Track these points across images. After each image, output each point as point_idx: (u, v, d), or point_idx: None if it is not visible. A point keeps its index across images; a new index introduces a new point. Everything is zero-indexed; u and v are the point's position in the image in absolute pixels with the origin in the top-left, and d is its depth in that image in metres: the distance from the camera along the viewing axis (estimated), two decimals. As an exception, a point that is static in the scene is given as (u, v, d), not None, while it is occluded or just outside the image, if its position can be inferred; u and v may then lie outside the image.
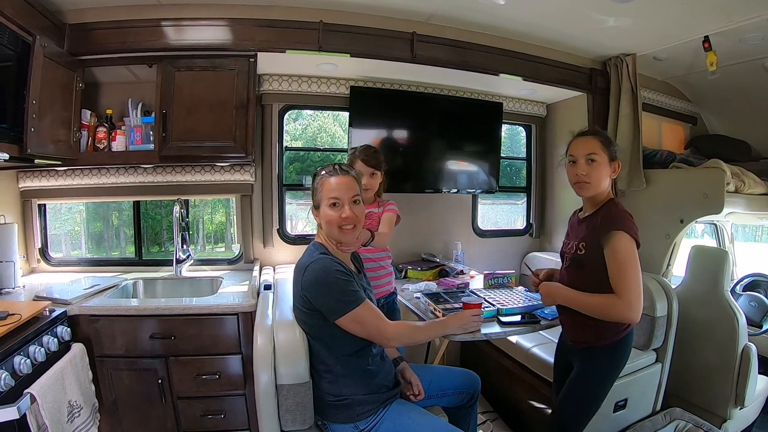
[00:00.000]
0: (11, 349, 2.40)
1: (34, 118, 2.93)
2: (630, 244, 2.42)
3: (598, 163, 2.58)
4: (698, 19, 3.58)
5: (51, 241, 4.30)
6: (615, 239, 2.42)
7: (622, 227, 2.42)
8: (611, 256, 2.43)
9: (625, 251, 2.41)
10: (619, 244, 2.41)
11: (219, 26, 3.58)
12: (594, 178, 2.59)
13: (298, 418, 2.42)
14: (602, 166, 2.59)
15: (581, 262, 2.60)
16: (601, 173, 2.59)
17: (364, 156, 3.35)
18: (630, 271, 2.39)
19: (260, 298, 3.18)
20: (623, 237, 2.42)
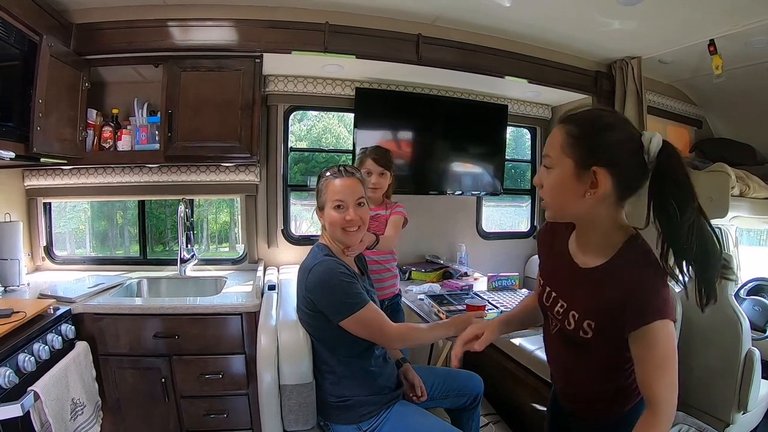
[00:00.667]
0: (16, 347, 2.41)
1: (41, 117, 2.95)
2: (672, 332, 1.54)
3: (553, 169, 1.65)
4: (704, 23, 3.58)
5: (56, 240, 4.32)
6: (654, 332, 1.51)
7: (666, 312, 1.51)
8: (646, 354, 1.54)
9: (668, 347, 1.53)
10: (660, 341, 1.51)
11: (225, 27, 3.59)
12: (549, 192, 1.70)
13: (301, 418, 2.42)
14: (564, 176, 1.61)
15: (585, 347, 1.72)
16: (560, 187, 1.64)
17: (375, 155, 3.34)
18: (672, 371, 1.54)
19: (264, 299, 3.19)
20: (665, 327, 1.51)
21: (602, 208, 1.61)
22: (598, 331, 1.64)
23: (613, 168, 1.53)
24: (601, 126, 1.58)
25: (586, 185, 1.56)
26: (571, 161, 1.58)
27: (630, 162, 1.54)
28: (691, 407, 3.76)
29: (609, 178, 1.54)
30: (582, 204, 1.60)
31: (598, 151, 1.54)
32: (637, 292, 1.53)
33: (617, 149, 1.54)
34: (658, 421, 1.53)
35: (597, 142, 1.55)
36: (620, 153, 1.54)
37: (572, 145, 1.58)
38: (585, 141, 1.56)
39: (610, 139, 1.55)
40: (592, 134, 1.57)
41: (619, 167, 1.54)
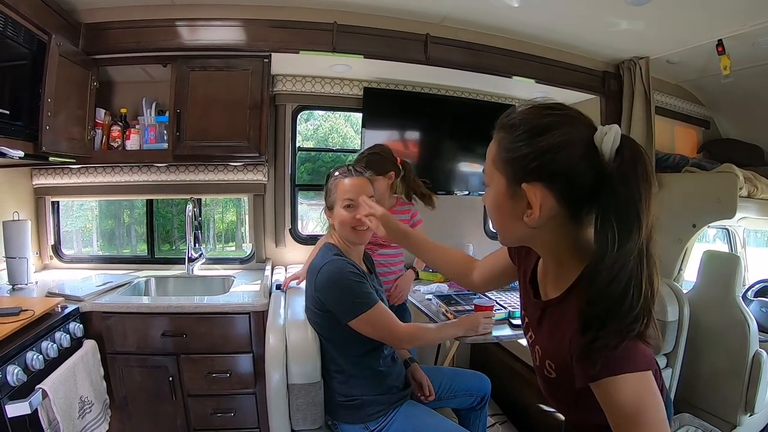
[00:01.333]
0: (24, 345, 2.42)
1: (49, 116, 2.96)
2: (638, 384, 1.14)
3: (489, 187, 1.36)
4: (712, 23, 3.57)
5: (63, 238, 4.34)
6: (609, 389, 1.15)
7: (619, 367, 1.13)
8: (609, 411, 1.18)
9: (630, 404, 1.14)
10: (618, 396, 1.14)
11: (233, 27, 3.60)
12: (491, 216, 1.43)
13: (309, 417, 2.43)
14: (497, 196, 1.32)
15: (559, 386, 1.40)
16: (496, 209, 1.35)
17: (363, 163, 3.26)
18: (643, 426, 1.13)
19: (272, 298, 3.19)
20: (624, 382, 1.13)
21: (550, 230, 1.29)
22: (558, 373, 1.35)
23: (552, 181, 1.20)
24: (533, 129, 1.23)
25: (522, 205, 1.25)
26: (503, 178, 1.29)
27: (576, 169, 1.19)
28: (697, 408, 3.76)
29: (548, 194, 1.21)
30: (522, 228, 1.29)
31: (528, 163, 1.21)
32: (579, 343, 1.17)
33: (554, 156, 1.19)
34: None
35: (527, 151, 1.22)
36: (559, 160, 1.19)
37: (503, 158, 1.29)
38: (514, 151, 1.25)
39: (542, 145, 1.20)
40: (521, 142, 1.23)
41: (560, 178, 1.20)
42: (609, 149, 1.15)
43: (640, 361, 1.14)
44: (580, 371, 1.19)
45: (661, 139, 4.57)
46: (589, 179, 1.18)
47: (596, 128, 1.20)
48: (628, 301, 1.11)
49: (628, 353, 1.13)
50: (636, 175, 1.13)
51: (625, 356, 1.13)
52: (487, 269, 1.97)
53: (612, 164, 1.15)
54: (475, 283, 2.02)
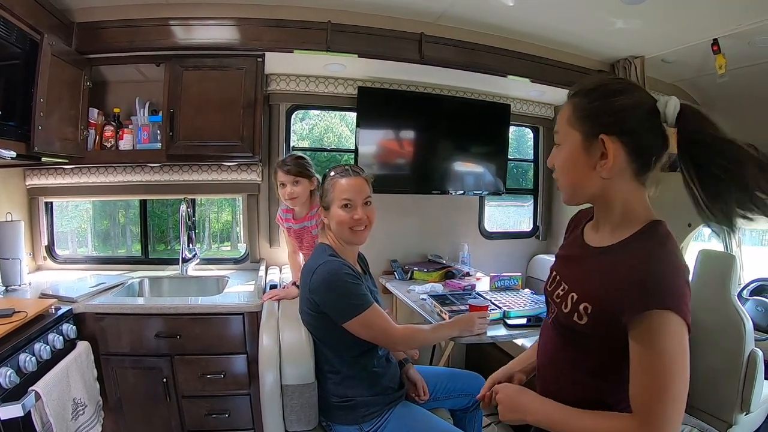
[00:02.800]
0: (17, 347, 2.41)
1: (42, 116, 2.94)
2: (681, 333, 1.26)
3: (561, 146, 1.53)
4: (707, 22, 3.57)
5: (57, 239, 4.33)
6: (655, 324, 1.26)
7: (673, 304, 1.25)
8: (643, 351, 1.28)
9: (672, 350, 1.25)
10: (661, 337, 1.25)
11: (227, 26, 3.59)
12: (560, 171, 1.55)
13: (303, 418, 2.42)
14: (572, 150, 1.48)
15: (578, 338, 1.49)
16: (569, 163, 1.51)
17: (284, 166, 3.23)
18: (674, 384, 1.25)
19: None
20: (671, 322, 1.25)
21: (618, 183, 1.43)
22: (593, 317, 1.42)
23: (624, 136, 1.38)
24: (607, 92, 1.43)
25: (596, 157, 1.41)
26: (578, 133, 1.45)
27: (642, 128, 1.38)
28: (693, 408, 3.76)
29: (620, 146, 1.38)
30: (594, 179, 1.44)
31: (605, 118, 1.40)
32: (642, 274, 1.30)
33: (626, 115, 1.38)
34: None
35: (603, 109, 1.41)
36: (630, 119, 1.38)
37: (578, 116, 1.46)
38: (591, 110, 1.43)
39: (616, 104, 1.39)
40: (597, 102, 1.43)
41: (630, 134, 1.38)
42: (672, 114, 1.35)
43: (687, 311, 1.27)
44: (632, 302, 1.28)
45: (656, 139, 4.56)
46: (650, 138, 1.38)
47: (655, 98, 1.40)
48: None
49: (681, 293, 1.28)
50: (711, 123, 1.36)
51: (677, 293, 1.27)
52: None
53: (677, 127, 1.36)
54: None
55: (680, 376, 1.25)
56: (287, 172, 3.19)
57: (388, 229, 4.47)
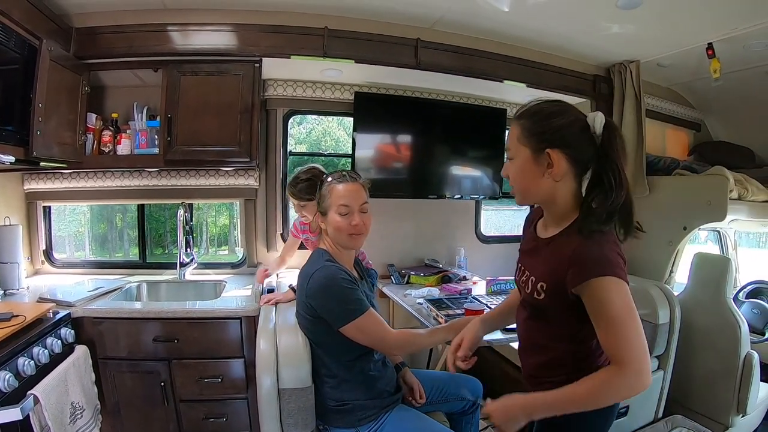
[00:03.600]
0: (15, 351, 2.42)
1: (40, 121, 2.95)
2: (621, 289, 1.59)
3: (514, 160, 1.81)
4: (702, 26, 3.59)
5: (55, 243, 4.32)
6: (597, 289, 1.60)
7: (605, 271, 1.59)
8: (597, 311, 1.62)
9: (618, 303, 1.58)
10: (606, 296, 1.59)
11: (224, 31, 3.59)
12: (513, 180, 1.85)
13: (300, 422, 2.42)
14: (524, 163, 1.77)
15: (541, 311, 1.85)
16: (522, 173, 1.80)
17: (292, 190, 3.27)
18: (629, 326, 1.57)
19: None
20: (610, 284, 1.59)
21: (561, 185, 1.77)
22: (549, 293, 1.77)
23: (565, 148, 1.72)
24: (548, 114, 1.77)
25: (543, 167, 1.74)
26: (528, 149, 1.77)
27: (578, 140, 1.72)
28: (690, 410, 3.78)
29: (563, 157, 1.72)
30: (543, 184, 1.78)
31: (549, 136, 1.73)
32: (579, 250, 1.66)
33: (565, 131, 1.73)
34: (621, 376, 1.57)
35: (546, 128, 1.74)
36: (568, 134, 1.72)
37: (526, 135, 1.77)
38: (536, 129, 1.76)
39: (556, 123, 1.73)
40: (541, 122, 1.76)
41: (569, 146, 1.72)
42: (599, 126, 1.71)
43: (621, 273, 1.63)
44: (574, 275, 1.64)
45: (652, 142, 4.59)
46: (585, 146, 1.72)
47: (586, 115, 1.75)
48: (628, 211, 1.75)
49: (612, 261, 1.63)
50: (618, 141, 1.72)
51: (609, 262, 1.62)
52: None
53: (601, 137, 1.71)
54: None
55: (633, 317, 1.60)
56: (294, 196, 3.26)
57: (385, 233, 4.47)
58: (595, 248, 1.66)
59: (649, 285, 3.67)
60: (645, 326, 3.30)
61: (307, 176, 3.22)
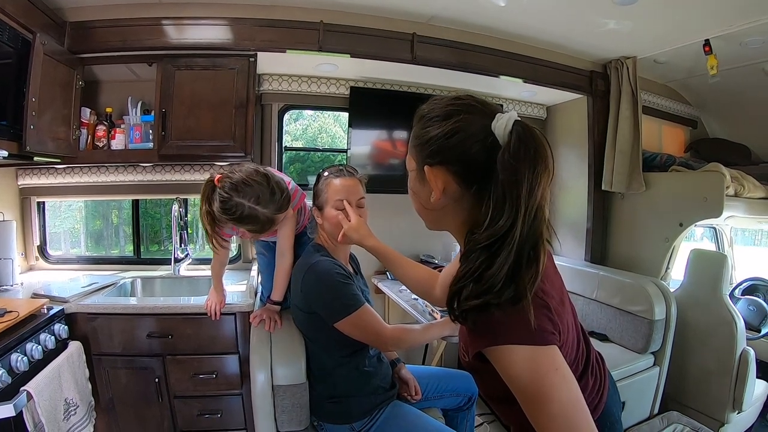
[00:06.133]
0: (8, 347, 2.41)
1: (34, 115, 2.93)
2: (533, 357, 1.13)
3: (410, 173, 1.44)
4: (699, 23, 3.59)
5: (50, 239, 4.32)
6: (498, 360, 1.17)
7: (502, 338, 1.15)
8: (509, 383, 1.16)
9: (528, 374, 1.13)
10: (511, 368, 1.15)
11: (219, 26, 3.58)
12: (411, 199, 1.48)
13: (295, 418, 2.42)
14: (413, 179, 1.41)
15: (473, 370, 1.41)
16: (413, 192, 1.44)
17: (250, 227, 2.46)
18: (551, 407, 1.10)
19: (258, 298, 3.19)
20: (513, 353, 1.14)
21: (458, 212, 1.33)
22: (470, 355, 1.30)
23: (450, 164, 1.26)
24: (434, 119, 1.31)
25: (429, 187, 1.31)
26: (414, 163, 1.38)
27: (470, 153, 1.23)
28: (686, 406, 3.78)
29: (449, 176, 1.27)
30: (434, 207, 1.34)
31: (428, 148, 1.30)
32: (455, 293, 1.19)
33: (450, 142, 1.25)
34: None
35: (426, 138, 1.31)
36: (454, 146, 1.25)
37: (412, 145, 1.39)
38: (417, 139, 1.35)
39: (439, 131, 1.27)
40: (423, 130, 1.33)
41: (455, 163, 1.26)
42: (501, 134, 1.19)
43: (525, 335, 1.13)
44: (471, 342, 1.24)
45: (649, 139, 4.58)
46: (485, 164, 1.20)
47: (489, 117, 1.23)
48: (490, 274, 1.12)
49: (510, 324, 1.14)
50: (518, 158, 1.14)
51: (505, 326, 1.14)
52: (446, 282, 2.02)
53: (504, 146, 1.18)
54: (439, 297, 2.17)
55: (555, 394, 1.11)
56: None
57: (380, 229, 4.40)
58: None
59: (645, 281, 3.67)
60: (640, 323, 3.33)
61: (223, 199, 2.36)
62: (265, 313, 2.66)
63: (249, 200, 2.30)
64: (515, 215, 1.12)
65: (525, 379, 1.12)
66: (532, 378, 1.12)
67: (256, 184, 2.33)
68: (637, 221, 4.32)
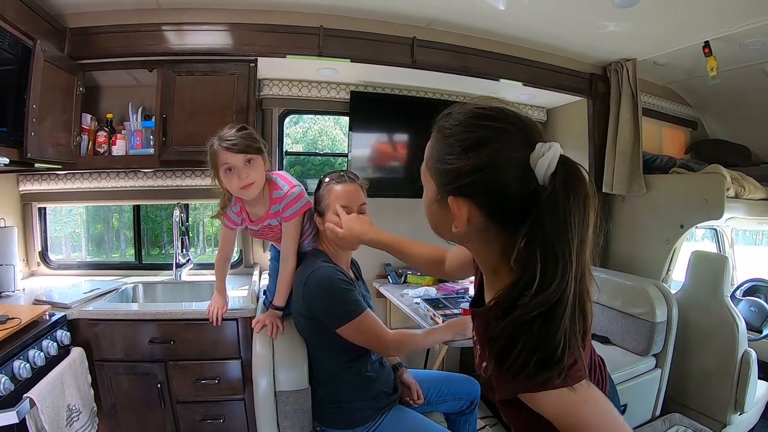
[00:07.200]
0: (11, 354, 2.41)
1: (35, 122, 2.93)
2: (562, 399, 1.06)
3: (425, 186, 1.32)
4: (698, 25, 3.59)
5: (52, 244, 4.32)
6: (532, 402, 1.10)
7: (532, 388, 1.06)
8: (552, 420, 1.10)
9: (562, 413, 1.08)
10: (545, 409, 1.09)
11: (220, 31, 3.58)
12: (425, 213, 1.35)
13: (297, 424, 2.42)
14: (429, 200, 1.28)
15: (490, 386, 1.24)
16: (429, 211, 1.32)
17: (228, 144, 2.50)
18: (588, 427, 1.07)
19: (260, 303, 3.17)
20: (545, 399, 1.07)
21: (483, 242, 1.22)
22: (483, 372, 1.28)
23: (479, 198, 1.12)
24: (463, 144, 1.12)
25: (451, 215, 1.16)
26: (434, 184, 1.22)
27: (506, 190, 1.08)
28: (687, 408, 3.78)
29: (475, 209, 1.13)
30: (455, 234, 1.21)
31: (457, 179, 1.12)
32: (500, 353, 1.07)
33: (483, 176, 1.08)
34: None
35: (456, 166, 1.12)
36: (488, 180, 1.09)
37: (432, 166, 1.22)
38: (444, 163, 1.16)
39: (471, 163, 1.09)
40: (451, 156, 1.14)
41: (487, 197, 1.11)
42: (543, 173, 1.05)
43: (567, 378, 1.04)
44: (501, 387, 1.14)
45: (649, 141, 4.58)
46: (520, 201, 1.07)
47: (535, 145, 1.07)
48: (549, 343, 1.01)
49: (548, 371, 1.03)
50: (567, 209, 1.02)
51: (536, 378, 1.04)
52: (456, 258, 2.06)
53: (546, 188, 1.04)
54: (448, 272, 2.14)
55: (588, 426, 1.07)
56: (233, 149, 2.49)
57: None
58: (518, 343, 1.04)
59: (646, 283, 3.67)
60: (642, 325, 3.33)
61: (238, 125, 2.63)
62: (268, 318, 2.63)
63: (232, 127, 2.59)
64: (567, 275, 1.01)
65: (558, 417, 1.08)
66: (564, 414, 1.07)
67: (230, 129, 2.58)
68: (637, 223, 4.31)
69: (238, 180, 2.48)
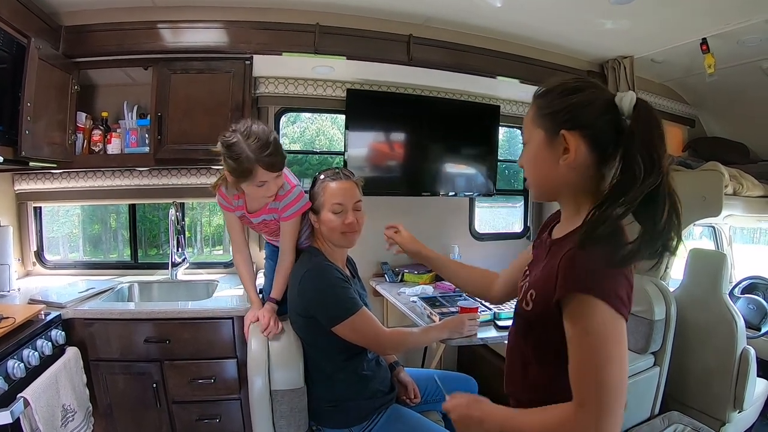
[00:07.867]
0: (5, 353, 2.41)
1: (29, 120, 2.91)
2: (609, 319, 1.27)
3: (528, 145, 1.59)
4: (696, 22, 3.58)
5: (48, 244, 4.31)
6: (581, 306, 1.29)
7: (594, 290, 1.27)
8: (574, 332, 1.32)
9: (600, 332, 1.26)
10: (588, 317, 1.27)
11: (215, 29, 3.57)
12: (528, 170, 1.61)
13: (293, 423, 2.41)
14: (538, 147, 1.53)
15: (527, 324, 1.56)
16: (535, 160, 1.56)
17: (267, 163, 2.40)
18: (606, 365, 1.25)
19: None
20: (596, 306, 1.26)
21: (580, 175, 1.48)
22: (535, 303, 1.49)
23: (584, 129, 1.44)
24: (565, 91, 1.49)
25: (559, 152, 1.47)
26: (542, 131, 1.52)
27: (600, 121, 1.43)
28: (686, 406, 3.77)
29: (581, 140, 1.44)
30: (558, 173, 1.49)
31: (565, 115, 1.46)
32: (574, 253, 1.33)
33: (585, 110, 1.45)
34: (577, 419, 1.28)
35: (561, 106, 1.47)
36: (588, 113, 1.44)
37: (540, 115, 1.53)
38: (550, 108, 1.50)
39: (573, 101, 1.46)
40: (556, 100, 1.49)
41: (589, 128, 1.44)
42: (627, 106, 1.39)
43: (613, 296, 1.28)
44: (562, 282, 1.34)
45: (647, 138, 4.57)
46: (611, 130, 1.42)
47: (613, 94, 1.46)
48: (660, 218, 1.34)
49: (609, 282, 1.30)
50: (652, 124, 1.37)
51: (605, 281, 1.30)
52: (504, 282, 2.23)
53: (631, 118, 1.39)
54: (498, 295, 2.24)
55: (613, 361, 1.27)
56: (272, 169, 2.44)
57: (378, 231, 4.44)
58: (595, 257, 1.30)
59: (644, 281, 3.66)
60: (640, 323, 3.32)
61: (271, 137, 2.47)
62: (265, 312, 2.62)
63: (243, 135, 2.42)
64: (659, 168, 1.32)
65: (590, 336, 1.28)
66: (601, 334, 1.27)
67: (259, 131, 2.44)
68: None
69: (266, 190, 2.51)
